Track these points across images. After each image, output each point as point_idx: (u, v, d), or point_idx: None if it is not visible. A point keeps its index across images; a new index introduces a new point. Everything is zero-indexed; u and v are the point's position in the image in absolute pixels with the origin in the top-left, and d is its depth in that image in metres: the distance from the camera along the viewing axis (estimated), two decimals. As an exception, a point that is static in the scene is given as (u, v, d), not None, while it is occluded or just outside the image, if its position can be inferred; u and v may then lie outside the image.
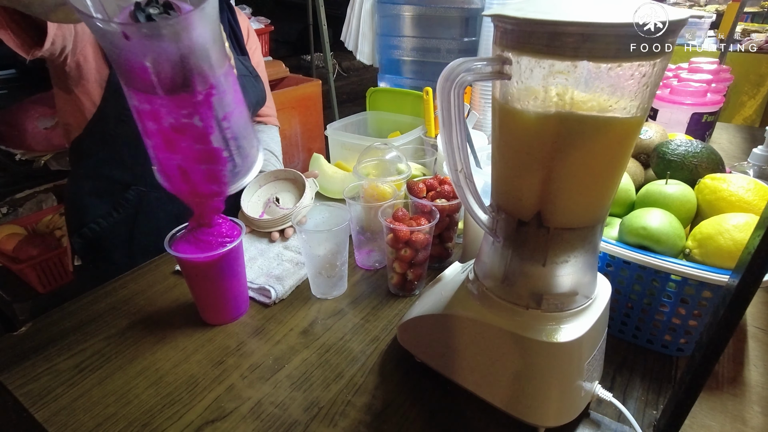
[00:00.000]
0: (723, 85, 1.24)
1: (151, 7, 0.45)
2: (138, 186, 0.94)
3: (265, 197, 0.95)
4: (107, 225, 0.94)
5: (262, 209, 0.94)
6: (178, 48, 0.45)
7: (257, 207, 0.94)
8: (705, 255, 0.56)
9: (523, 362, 0.48)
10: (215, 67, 0.49)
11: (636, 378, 0.59)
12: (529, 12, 0.35)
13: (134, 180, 0.93)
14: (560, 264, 0.46)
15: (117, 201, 0.94)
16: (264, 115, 1.19)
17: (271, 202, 0.94)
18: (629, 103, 0.37)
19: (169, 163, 0.54)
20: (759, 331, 0.67)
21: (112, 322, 0.69)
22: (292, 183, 0.97)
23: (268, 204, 0.94)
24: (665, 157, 0.69)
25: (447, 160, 0.44)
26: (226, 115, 0.52)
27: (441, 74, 0.39)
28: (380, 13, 1.46)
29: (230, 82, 0.52)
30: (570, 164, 0.40)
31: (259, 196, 0.96)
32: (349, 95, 4.65)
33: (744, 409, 0.55)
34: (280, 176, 0.98)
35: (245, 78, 1.05)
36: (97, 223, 0.94)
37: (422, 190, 0.78)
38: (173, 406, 0.56)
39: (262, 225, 0.89)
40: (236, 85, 0.54)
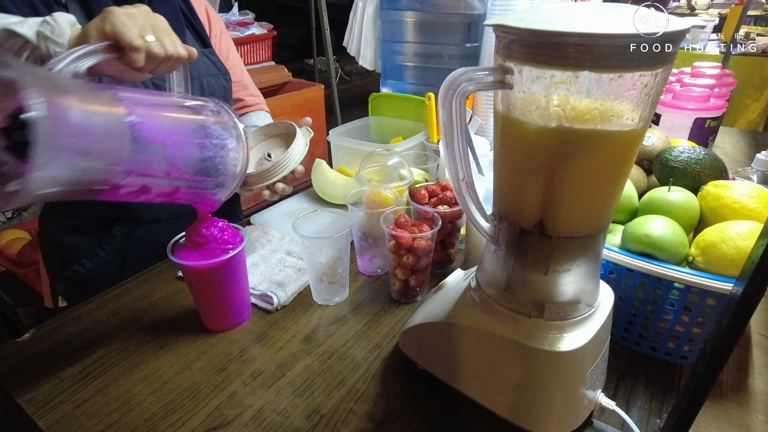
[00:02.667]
0: (726, 90, 1.24)
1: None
2: (125, 222, 0.85)
3: (257, 157, 0.84)
4: (93, 265, 0.85)
5: (254, 169, 0.79)
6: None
7: (249, 169, 0.77)
8: (708, 263, 0.55)
9: (526, 371, 0.48)
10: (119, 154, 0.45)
11: (639, 386, 0.59)
12: (531, 22, 0.35)
13: (119, 216, 0.85)
14: (562, 272, 0.46)
15: (102, 238, 0.85)
16: (252, 104, 1.08)
17: (263, 159, 0.83)
18: (631, 114, 0.37)
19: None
20: (764, 338, 0.66)
21: (114, 329, 0.69)
22: (284, 138, 0.84)
23: (260, 162, 0.83)
24: (668, 163, 0.69)
25: (449, 169, 0.44)
26: (167, 171, 0.51)
27: (443, 84, 0.39)
28: (382, 19, 1.46)
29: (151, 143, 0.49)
30: (572, 174, 0.40)
31: (251, 158, 0.81)
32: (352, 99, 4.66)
33: (749, 417, 0.55)
34: (271, 133, 0.85)
35: (212, 77, 0.91)
36: (81, 264, 0.85)
37: (424, 197, 0.77)
38: (175, 414, 0.56)
39: (251, 181, 0.76)
40: (161, 133, 0.50)
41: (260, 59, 2.29)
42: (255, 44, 2.21)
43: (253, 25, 2.20)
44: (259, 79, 2.19)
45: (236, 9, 2.20)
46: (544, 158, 0.40)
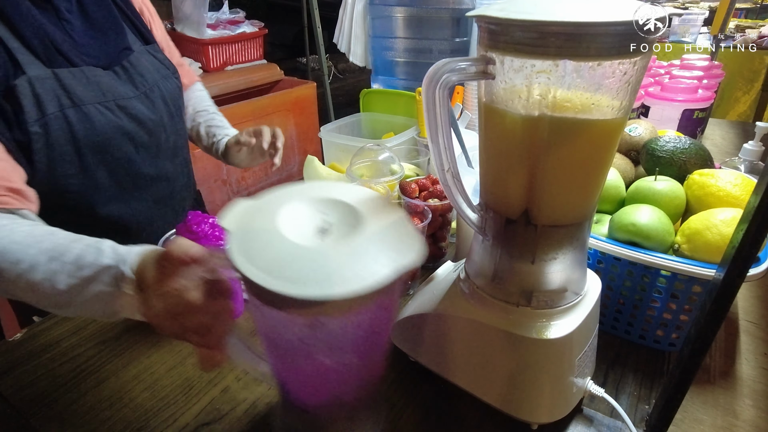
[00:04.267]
0: (714, 82, 1.25)
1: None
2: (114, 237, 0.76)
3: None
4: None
5: None
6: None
7: None
8: (694, 250, 0.56)
9: (515, 359, 0.49)
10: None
11: (629, 373, 0.59)
12: (512, 12, 0.36)
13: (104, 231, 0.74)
14: (549, 261, 0.46)
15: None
16: (188, 84, 0.99)
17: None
18: (611, 102, 0.38)
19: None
20: (750, 324, 0.67)
21: (106, 327, 0.69)
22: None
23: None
24: (654, 153, 0.70)
25: (434, 160, 0.44)
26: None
27: (426, 75, 0.39)
28: (372, 15, 1.46)
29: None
30: (555, 163, 0.40)
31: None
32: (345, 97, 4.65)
33: (735, 402, 0.56)
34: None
35: (167, 81, 0.82)
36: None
37: (415, 191, 0.78)
38: (168, 409, 0.56)
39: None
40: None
41: (251, 58, 2.28)
42: (246, 42, 2.21)
43: (243, 24, 2.19)
44: (250, 77, 2.18)
45: (226, 7, 2.19)
46: (528, 148, 0.40)
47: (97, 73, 0.70)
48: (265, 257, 0.34)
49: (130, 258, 0.45)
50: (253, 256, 0.34)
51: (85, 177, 0.70)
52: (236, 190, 2.04)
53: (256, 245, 0.36)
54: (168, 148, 0.82)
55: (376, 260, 0.35)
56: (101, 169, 0.71)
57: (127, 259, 0.45)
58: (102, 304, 0.45)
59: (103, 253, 0.46)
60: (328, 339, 0.39)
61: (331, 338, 0.39)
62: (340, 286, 0.32)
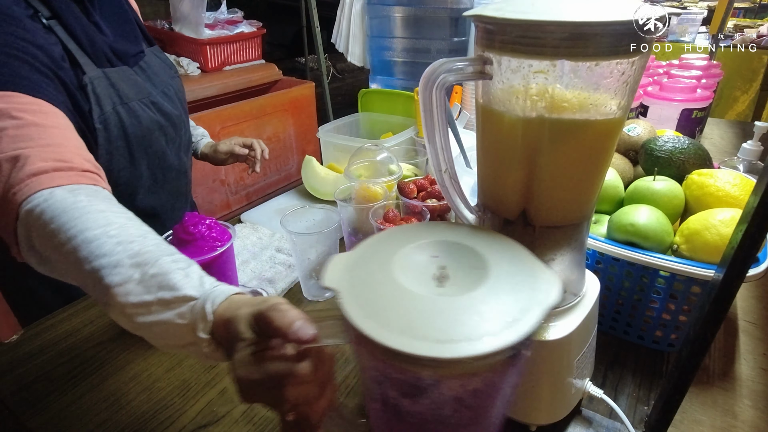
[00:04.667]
0: (713, 81, 1.25)
1: None
2: None
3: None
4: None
5: None
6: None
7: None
8: (692, 250, 0.56)
9: (513, 361, 0.48)
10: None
11: (627, 374, 0.59)
12: (508, 12, 0.35)
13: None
14: (547, 262, 0.46)
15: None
16: None
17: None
18: (609, 102, 0.37)
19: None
20: (749, 325, 0.67)
21: (104, 329, 0.69)
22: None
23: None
24: (653, 153, 0.70)
25: (431, 161, 0.44)
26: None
27: (423, 75, 0.39)
28: (370, 15, 1.46)
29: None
30: (553, 163, 0.40)
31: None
32: (344, 97, 4.65)
33: (735, 403, 0.55)
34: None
35: (173, 80, 0.85)
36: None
37: (413, 191, 0.78)
38: (165, 411, 0.56)
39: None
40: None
41: (250, 58, 2.27)
42: (244, 42, 2.20)
43: (241, 24, 2.18)
44: (248, 77, 2.18)
45: (224, 7, 2.18)
46: (525, 148, 0.40)
47: (129, 72, 0.74)
48: (391, 315, 0.30)
49: (214, 296, 0.38)
50: (378, 315, 0.30)
51: (132, 169, 0.74)
52: (234, 190, 2.03)
53: (379, 304, 0.31)
54: (185, 143, 0.88)
55: (514, 307, 0.31)
56: (143, 161, 0.76)
57: (210, 297, 0.38)
58: (161, 330, 0.39)
59: (190, 278, 0.40)
60: (478, 403, 0.33)
61: (479, 401, 0.33)
62: (486, 342, 0.28)
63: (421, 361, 0.28)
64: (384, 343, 0.28)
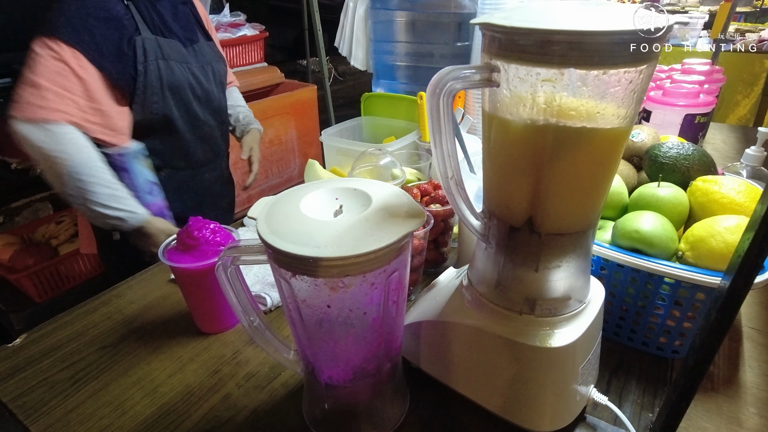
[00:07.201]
0: (716, 86, 1.25)
1: None
2: (167, 168, 1.06)
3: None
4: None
5: None
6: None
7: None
8: (697, 257, 0.56)
9: (518, 367, 0.48)
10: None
11: (632, 381, 0.59)
12: (516, 21, 0.35)
13: (164, 163, 1.05)
14: (553, 269, 0.46)
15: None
16: (231, 80, 1.31)
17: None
18: (616, 110, 0.37)
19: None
20: (754, 332, 0.67)
21: (107, 333, 0.69)
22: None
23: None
24: (657, 159, 0.70)
25: (437, 168, 0.44)
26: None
27: (430, 83, 0.39)
28: (373, 19, 1.46)
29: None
30: (559, 171, 0.40)
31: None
32: (346, 99, 4.65)
33: (739, 410, 0.55)
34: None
35: (216, 64, 1.13)
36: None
37: (417, 196, 0.78)
38: (169, 417, 0.56)
39: None
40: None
41: (252, 60, 2.28)
42: (247, 45, 2.21)
43: (244, 27, 2.19)
44: (251, 80, 2.18)
45: (227, 10, 2.19)
46: (532, 156, 0.40)
47: (178, 46, 1.01)
48: (290, 233, 0.40)
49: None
50: (281, 232, 0.40)
51: (164, 106, 0.99)
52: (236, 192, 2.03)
53: (283, 225, 0.41)
54: (213, 108, 1.12)
55: (384, 228, 0.40)
56: (174, 105, 1.01)
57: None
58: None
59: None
60: (350, 300, 0.43)
61: (353, 300, 0.43)
62: (355, 248, 0.38)
63: (305, 261, 0.38)
64: (278, 247, 0.38)
